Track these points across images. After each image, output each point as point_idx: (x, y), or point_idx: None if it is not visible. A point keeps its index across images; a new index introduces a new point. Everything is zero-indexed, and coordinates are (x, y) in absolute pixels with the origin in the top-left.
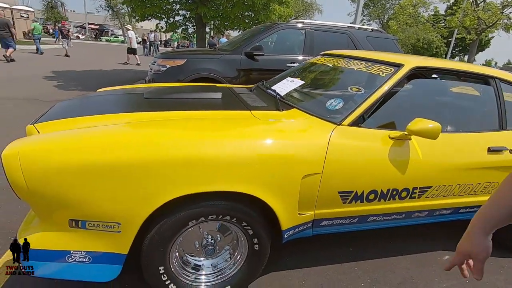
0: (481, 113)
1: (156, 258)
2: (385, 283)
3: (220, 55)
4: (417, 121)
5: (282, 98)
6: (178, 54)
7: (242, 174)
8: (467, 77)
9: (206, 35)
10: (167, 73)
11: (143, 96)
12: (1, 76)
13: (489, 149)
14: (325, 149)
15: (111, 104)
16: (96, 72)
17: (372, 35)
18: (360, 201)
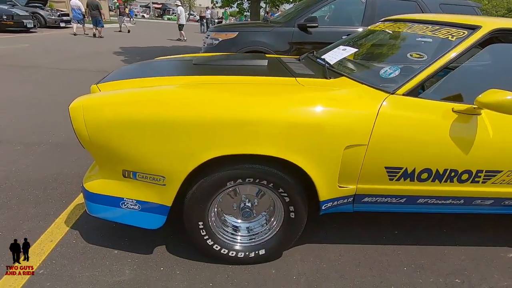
0: None
1: (196, 213)
2: (432, 271)
3: (272, 28)
4: (491, 92)
5: (332, 67)
6: (230, 27)
7: (281, 140)
8: None
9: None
10: (220, 46)
11: (192, 63)
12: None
13: None
14: (373, 120)
15: (163, 69)
16: (157, 48)
17: (447, 1)
18: (410, 179)
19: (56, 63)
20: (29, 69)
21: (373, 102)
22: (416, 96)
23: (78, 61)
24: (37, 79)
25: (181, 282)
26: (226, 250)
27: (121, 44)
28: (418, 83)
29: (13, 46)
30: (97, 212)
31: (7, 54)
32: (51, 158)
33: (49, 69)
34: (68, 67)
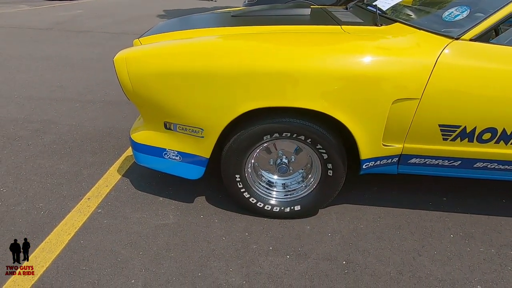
0: None
1: (233, 166)
2: (483, 241)
3: None
4: None
5: (384, 13)
6: None
7: (321, 93)
8: None
9: None
10: (260, 1)
11: (230, 15)
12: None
13: None
14: (429, 70)
15: (202, 21)
16: (199, 10)
17: None
18: (468, 139)
19: (107, 27)
20: (84, 34)
21: (431, 49)
22: (488, 41)
23: (127, 25)
24: (92, 42)
25: (219, 230)
26: (262, 203)
27: (164, 7)
28: (492, 25)
29: (69, 13)
30: (143, 162)
31: (65, 20)
32: (104, 114)
33: (102, 33)
34: (117, 30)
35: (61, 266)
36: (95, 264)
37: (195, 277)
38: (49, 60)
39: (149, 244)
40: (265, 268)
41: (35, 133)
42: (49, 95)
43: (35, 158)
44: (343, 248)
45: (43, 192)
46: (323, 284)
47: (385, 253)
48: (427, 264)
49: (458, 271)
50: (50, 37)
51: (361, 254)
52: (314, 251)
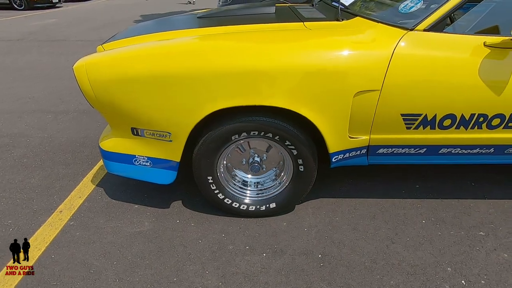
0: None
1: (204, 168)
2: (453, 224)
3: None
4: None
5: (346, 8)
6: None
7: (283, 89)
8: None
9: None
10: (235, 2)
11: (196, 16)
12: (108, 20)
13: None
14: (387, 61)
15: (168, 24)
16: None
17: None
18: (430, 127)
19: (82, 34)
20: (58, 43)
21: (387, 41)
22: (441, 31)
23: (103, 31)
24: (66, 51)
25: (195, 233)
26: (237, 203)
27: (142, 12)
28: (443, 15)
29: (42, 22)
30: (114, 170)
31: (37, 30)
32: (77, 124)
33: (77, 41)
34: (93, 37)
35: (30, 284)
36: (66, 278)
37: (171, 283)
38: (20, 71)
39: (123, 253)
40: (242, 267)
41: (4, 148)
42: (19, 107)
43: (4, 174)
44: (319, 241)
45: (12, 208)
46: (299, 278)
47: (360, 243)
48: (400, 251)
49: (429, 255)
50: (21, 48)
51: (336, 246)
52: (290, 247)
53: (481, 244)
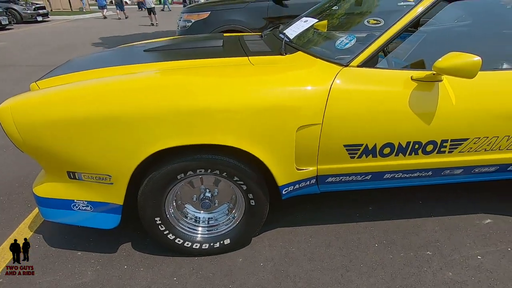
0: None
1: (151, 209)
2: (403, 245)
3: (246, 4)
4: (450, 56)
5: (291, 41)
6: (202, 7)
7: (227, 126)
8: None
9: None
10: (193, 28)
11: (143, 49)
12: (63, 43)
13: None
14: (325, 97)
15: (110, 59)
16: (138, 36)
17: None
18: (372, 155)
19: (34, 59)
20: (5, 68)
21: (325, 77)
22: (373, 66)
23: (57, 55)
24: (14, 78)
25: (144, 279)
26: (190, 242)
27: (101, 34)
28: (373, 52)
29: None
30: (51, 217)
31: None
32: (17, 161)
33: (27, 66)
34: (46, 62)
35: None
36: None
37: None
38: None
39: None
40: None
41: None
42: None
43: None
44: (274, 276)
45: None
46: None
47: (315, 274)
48: (354, 279)
49: (381, 281)
50: None
51: (292, 280)
52: (245, 285)
53: (428, 264)
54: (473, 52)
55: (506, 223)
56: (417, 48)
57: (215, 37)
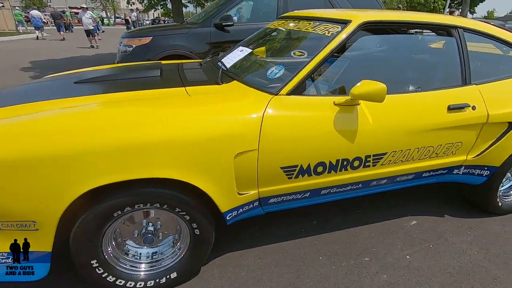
0: (442, 68)
1: (86, 252)
2: (344, 254)
3: (188, 29)
4: (362, 83)
5: (227, 71)
6: (143, 32)
7: (165, 159)
8: (426, 28)
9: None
10: (134, 53)
11: (73, 81)
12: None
13: (449, 108)
14: (259, 124)
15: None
16: (76, 60)
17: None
18: (307, 175)
19: None
20: None
21: (258, 105)
22: (301, 93)
23: None
24: None
25: None
26: (133, 282)
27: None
28: (299, 81)
29: None
30: None
31: None
32: None
33: None
34: None
35: None
36: None
37: None
38: None
39: None
40: None
41: None
42: None
43: None
44: None
45: None
46: None
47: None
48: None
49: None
50: None
51: None
52: None
53: (366, 270)
54: (385, 77)
55: (427, 222)
56: (341, 74)
57: (153, 66)
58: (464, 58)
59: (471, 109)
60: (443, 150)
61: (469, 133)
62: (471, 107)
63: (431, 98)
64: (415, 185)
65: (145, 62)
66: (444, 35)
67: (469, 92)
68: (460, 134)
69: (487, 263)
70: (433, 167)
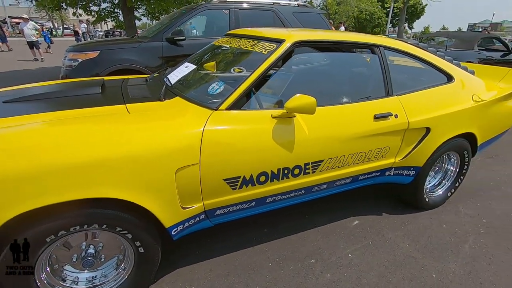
0: (369, 82)
1: (15, 284)
2: (293, 259)
3: (139, 43)
4: (295, 97)
5: (172, 86)
6: (90, 46)
7: (98, 178)
8: (353, 47)
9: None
10: (81, 68)
11: (2, 101)
12: None
13: (375, 116)
14: (199, 138)
15: None
16: (17, 74)
17: (299, 10)
18: (251, 185)
19: None
20: None
21: (199, 121)
22: (241, 107)
23: None
24: None
25: None
26: None
27: None
28: (238, 96)
29: None
30: None
31: None
32: None
33: None
34: None
35: None
36: None
37: None
38: None
39: None
40: None
41: None
42: None
43: None
44: None
45: None
46: None
47: None
48: None
49: None
50: None
51: None
52: None
53: (312, 271)
54: (320, 90)
55: (368, 221)
56: (280, 88)
57: (94, 83)
58: (386, 72)
59: (394, 117)
60: (374, 155)
61: (394, 138)
62: (394, 116)
63: (360, 109)
64: (354, 187)
65: (86, 79)
66: (369, 52)
67: (391, 102)
68: (387, 140)
69: (416, 254)
70: (367, 170)
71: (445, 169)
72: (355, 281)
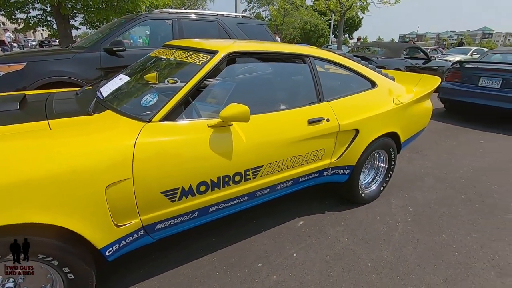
0: (301, 89)
1: None
2: (240, 265)
3: (73, 54)
4: (230, 106)
5: (103, 99)
6: (15, 57)
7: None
8: (285, 57)
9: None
10: (4, 81)
11: None
12: None
13: (309, 121)
14: (131, 152)
15: None
16: None
17: (242, 21)
18: (191, 195)
19: None
20: None
21: (130, 134)
22: (176, 118)
23: None
24: None
25: None
26: None
27: None
28: (172, 107)
29: None
30: None
31: None
32: None
33: None
34: None
35: None
36: None
37: None
38: None
39: None
40: None
41: None
42: None
43: None
44: None
45: None
46: None
47: None
48: None
49: None
50: None
51: None
52: None
53: (259, 275)
54: (257, 99)
55: (312, 221)
56: (218, 98)
57: (11, 98)
58: (316, 80)
59: (326, 121)
60: (311, 157)
61: (328, 140)
62: (326, 120)
63: (294, 115)
64: (297, 189)
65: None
66: (300, 62)
67: (323, 107)
68: (322, 142)
69: (354, 246)
70: (306, 172)
71: (377, 166)
72: (299, 279)
